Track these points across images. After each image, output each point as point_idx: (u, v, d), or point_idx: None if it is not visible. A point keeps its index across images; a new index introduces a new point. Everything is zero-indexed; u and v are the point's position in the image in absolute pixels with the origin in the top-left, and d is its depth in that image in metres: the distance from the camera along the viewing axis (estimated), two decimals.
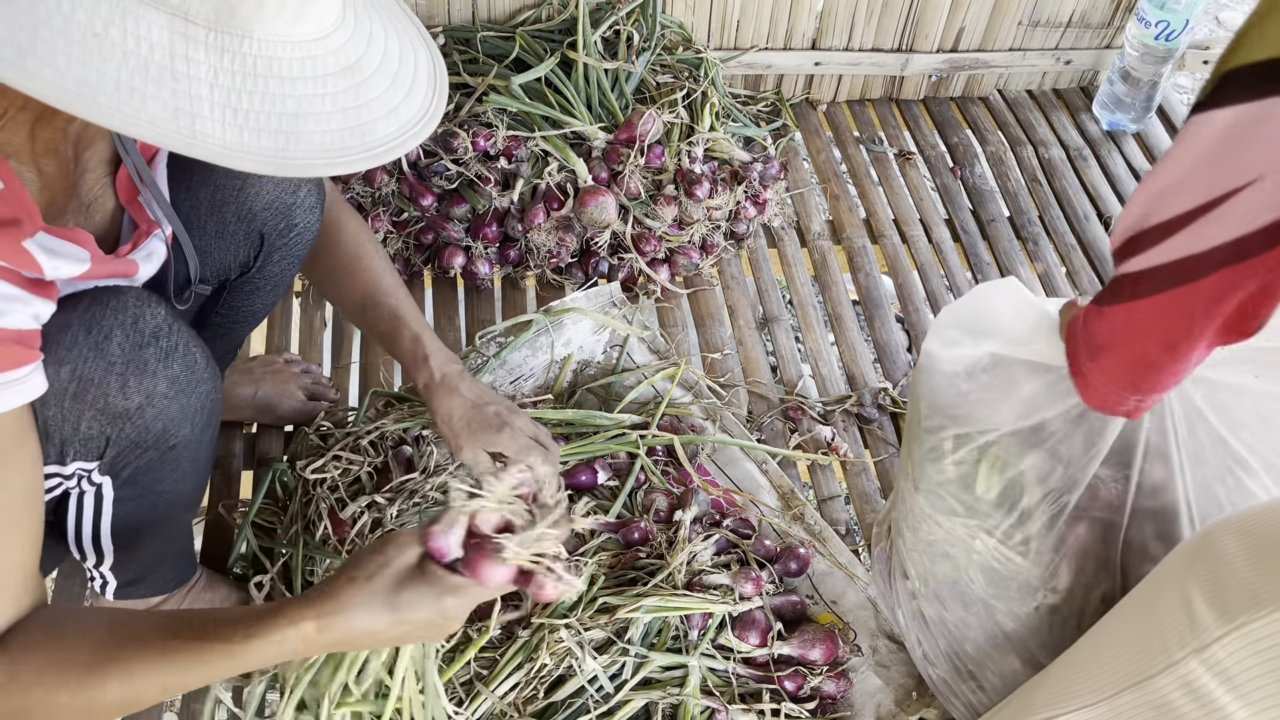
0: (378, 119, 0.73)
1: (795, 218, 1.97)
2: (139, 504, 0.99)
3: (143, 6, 0.64)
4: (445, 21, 1.91)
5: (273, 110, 0.68)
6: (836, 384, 1.70)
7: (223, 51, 0.66)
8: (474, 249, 1.70)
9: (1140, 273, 0.75)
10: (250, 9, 0.66)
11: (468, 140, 1.67)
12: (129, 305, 0.88)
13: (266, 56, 0.68)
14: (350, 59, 0.72)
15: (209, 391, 0.96)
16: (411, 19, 0.85)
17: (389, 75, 0.75)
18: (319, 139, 0.70)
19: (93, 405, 0.87)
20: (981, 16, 2.11)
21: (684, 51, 1.97)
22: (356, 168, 0.72)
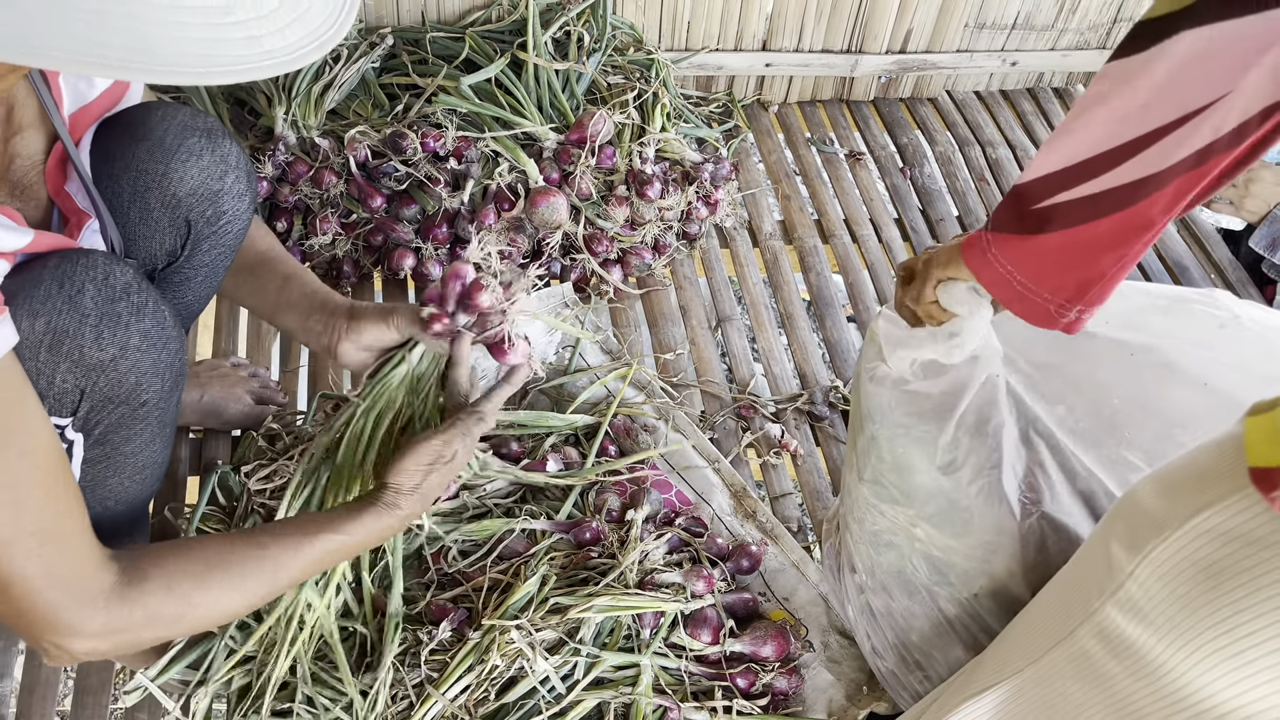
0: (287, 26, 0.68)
1: (747, 218, 1.98)
2: (106, 465, 1.00)
3: None
4: (395, 22, 1.90)
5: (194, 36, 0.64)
6: (788, 382, 1.72)
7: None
8: (424, 250, 1.69)
9: (1090, 197, 0.80)
10: None
11: (417, 141, 1.66)
12: (99, 263, 0.89)
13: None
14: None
15: (177, 350, 0.97)
16: None
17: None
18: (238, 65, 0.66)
19: (68, 357, 0.88)
20: (929, 18, 2.14)
21: (635, 53, 1.97)
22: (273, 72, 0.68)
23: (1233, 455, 0.63)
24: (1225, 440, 0.65)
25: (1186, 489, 0.66)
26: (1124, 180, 0.78)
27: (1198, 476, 0.66)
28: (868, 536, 1.09)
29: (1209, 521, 0.63)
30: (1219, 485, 0.63)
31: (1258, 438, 0.62)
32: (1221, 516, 0.63)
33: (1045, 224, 0.83)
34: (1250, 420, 0.63)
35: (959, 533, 0.97)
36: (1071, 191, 0.81)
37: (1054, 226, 0.83)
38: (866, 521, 1.08)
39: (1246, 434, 0.63)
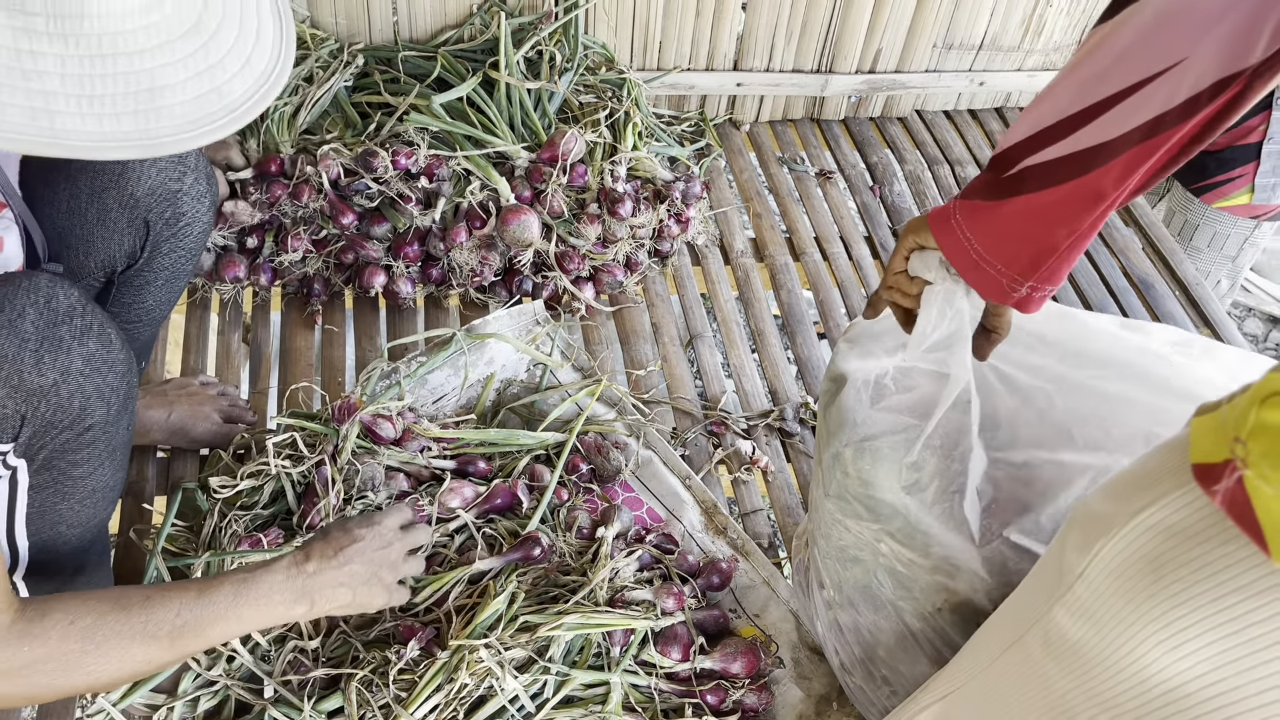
0: (233, 77, 0.73)
1: (719, 236, 2.00)
2: (54, 491, 0.99)
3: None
4: (367, 41, 1.90)
5: (127, 90, 0.67)
6: (759, 399, 1.72)
7: (65, 37, 0.66)
8: (395, 268, 1.69)
9: (1049, 163, 0.81)
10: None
11: (388, 159, 1.66)
12: (41, 285, 0.88)
13: (110, 33, 0.67)
14: (191, 18, 0.72)
15: (124, 373, 0.96)
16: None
17: (234, 24, 0.74)
18: (180, 111, 0.70)
19: (6, 382, 0.87)
20: (897, 39, 2.16)
21: (607, 72, 1.99)
22: (223, 133, 0.72)
23: (1179, 454, 0.64)
24: (1172, 442, 0.67)
25: (1134, 489, 0.67)
26: (1081, 146, 0.79)
27: (1145, 475, 0.67)
28: (834, 551, 1.09)
29: (1153, 517, 0.64)
30: (1164, 483, 0.64)
31: (1201, 435, 0.63)
32: (1165, 512, 0.64)
33: (1008, 191, 0.84)
34: (1195, 420, 0.65)
35: (921, 551, 0.98)
36: (1036, 156, 0.82)
37: (1014, 193, 0.84)
38: (833, 536, 1.08)
39: (1191, 433, 0.64)
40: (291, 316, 1.69)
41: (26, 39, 0.64)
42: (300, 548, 1.05)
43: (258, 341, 1.66)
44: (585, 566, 1.31)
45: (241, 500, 1.33)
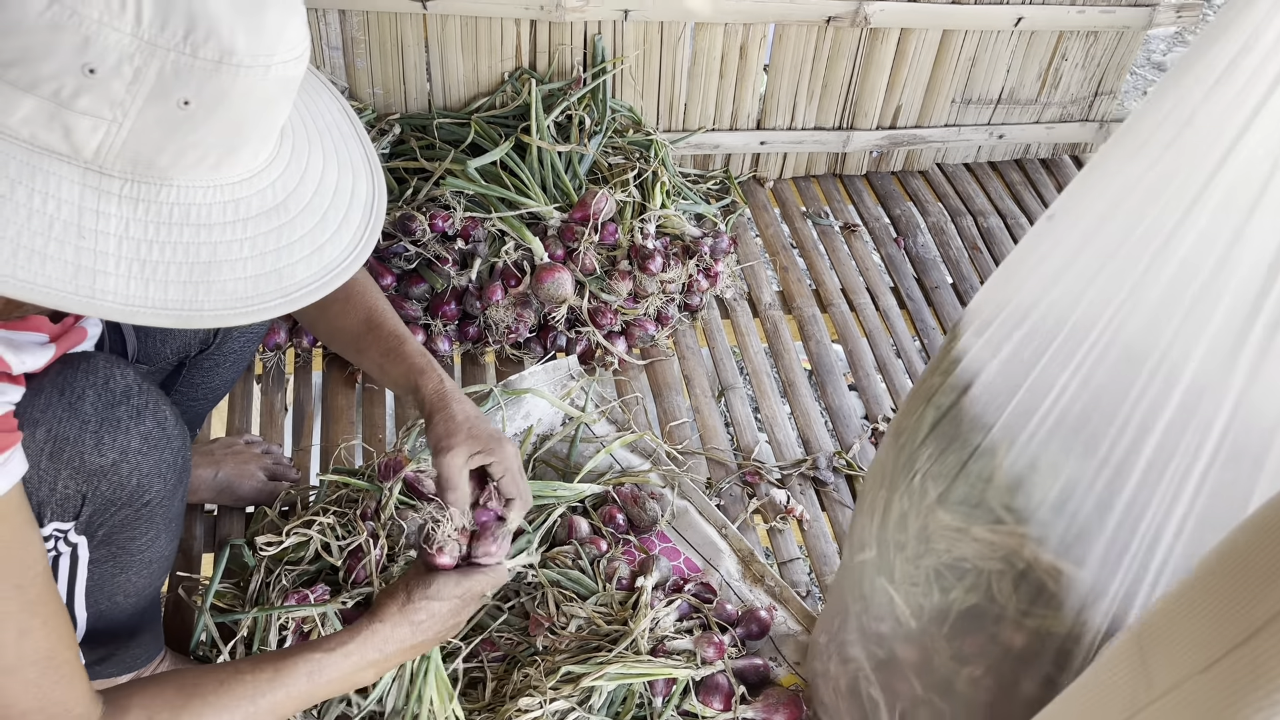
0: (299, 261, 0.72)
1: (747, 289, 2.03)
2: (113, 564, 1.00)
3: (55, 162, 0.63)
4: (403, 110, 1.97)
5: (184, 260, 0.66)
6: (792, 449, 1.74)
7: (137, 202, 0.65)
8: (433, 327, 1.74)
9: None
10: (169, 159, 0.65)
11: (426, 223, 1.71)
12: (99, 367, 0.91)
13: (185, 204, 0.67)
14: (278, 198, 0.72)
15: (180, 448, 0.99)
16: (359, 138, 0.86)
17: (318, 212, 0.75)
18: (232, 288, 0.68)
19: (69, 464, 0.89)
20: (916, 95, 2.22)
21: (634, 134, 2.04)
22: (269, 315, 0.70)
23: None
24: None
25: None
26: None
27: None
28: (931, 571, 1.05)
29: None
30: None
31: None
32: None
33: None
34: None
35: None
36: None
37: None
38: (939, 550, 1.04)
39: None
40: (333, 376, 1.73)
41: (95, 198, 0.63)
42: (375, 613, 1.04)
43: (300, 400, 1.70)
44: (626, 616, 1.32)
45: (287, 556, 1.36)
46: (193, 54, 0.64)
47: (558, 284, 1.72)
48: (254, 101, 0.68)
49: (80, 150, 0.64)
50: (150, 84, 0.63)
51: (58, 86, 0.62)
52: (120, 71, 0.62)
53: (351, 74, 1.91)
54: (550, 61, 1.97)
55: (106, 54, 0.62)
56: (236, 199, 0.70)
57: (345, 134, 0.86)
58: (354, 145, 0.86)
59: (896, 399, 1.87)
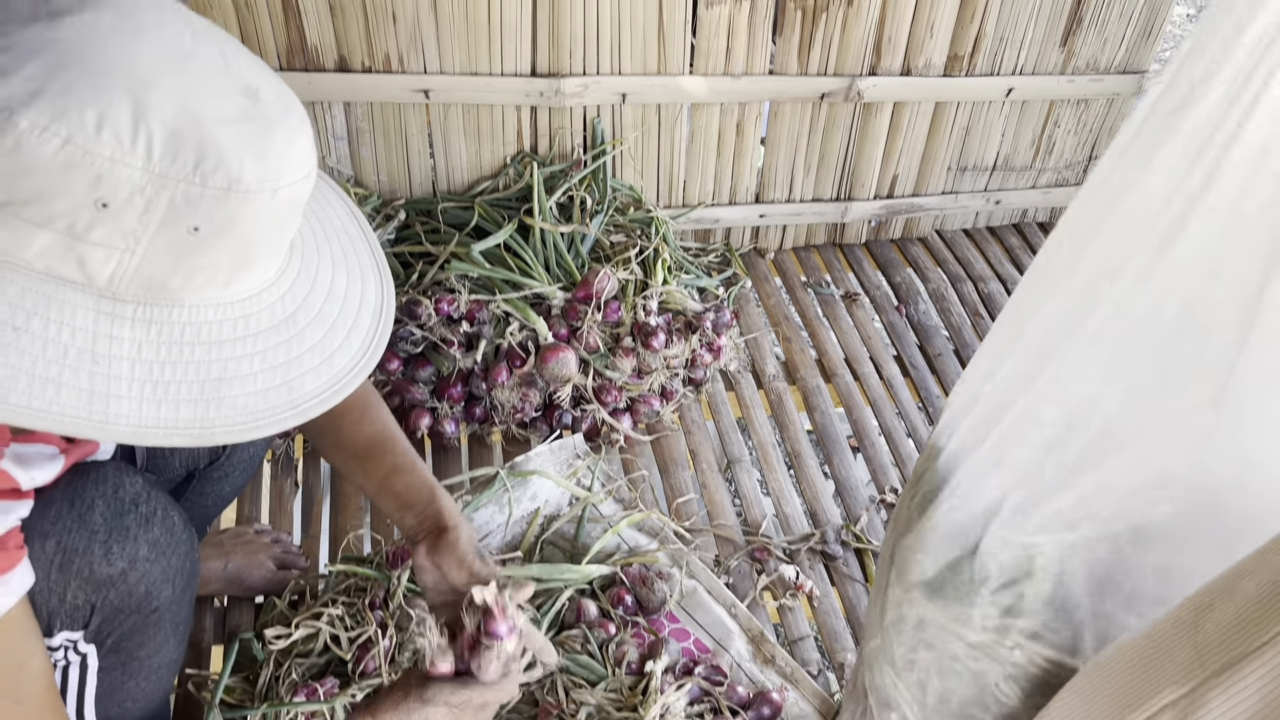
0: (308, 372, 0.73)
1: (750, 361, 2.05)
2: (122, 671, 1.00)
3: (70, 291, 0.64)
4: (408, 195, 2.01)
5: (195, 379, 0.67)
6: (800, 522, 1.74)
7: (149, 324, 0.66)
8: (440, 409, 1.75)
9: None
10: (181, 281, 0.66)
11: (431, 307, 1.74)
12: (109, 475, 0.91)
13: (196, 323, 0.68)
14: (288, 310, 0.73)
15: (187, 553, 0.99)
16: (367, 240, 0.87)
17: (327, 321, 0.76)
18: (242, 403, 0.69)
19: (78, 574, 0.89)
20: (912, 165, 2.25)
21: (635, 211, 2.08)
22: (279, 428, 0.71)
23: None
24: None
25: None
26: None
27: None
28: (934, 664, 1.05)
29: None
30: None
31: None
32: None
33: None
34: None
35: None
36: None
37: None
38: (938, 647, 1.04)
39: None
40: None
41: (108, 323, 0.65)
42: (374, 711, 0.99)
43: (309, 487, 1.71)
44: (636, 702, 1.31)
45: (296, 649, 1.36)
46: (202, 183, 0.65)
47: (562, 363, 1.74)
48: (262, 223, 0.70)
49: (94, 279, 0.66)
50: (161, 213, 0.65)
51: (72, 221, 0.64)
52: (132, 203, 0.64)
53: (357, 162, 1.95)
54: (551, 144, 2.01)
55: (119, 188, 0.64)
56: (247, 314, 0.71)
57: (353, 237, 0.87)
58: (362, 248, 0.87)
59: (904, 468, 1.87)
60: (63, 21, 0.63)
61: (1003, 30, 2.05)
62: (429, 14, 1.76)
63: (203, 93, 0.66)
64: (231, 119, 0.67)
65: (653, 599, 1.49)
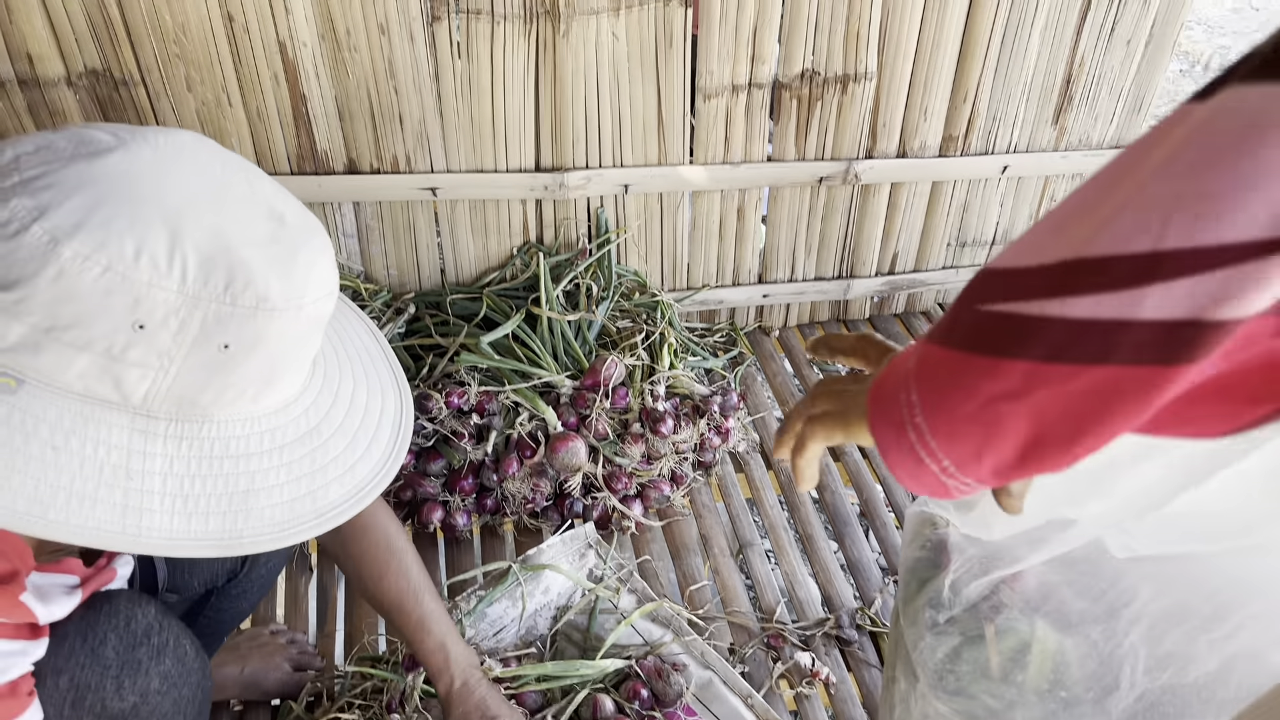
0: (331, 482, 0.76)
1: (759, 441, 2.06)
2: None
3: (106, 410, 0.67)
4: (417, 288, 2.05)
5: (224, 491, 0.70)
6: (814, 606, 1.74)
7: (180, 440, 0.69)
8: (451, 502, 1.77)
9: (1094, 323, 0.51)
10: (211, 397, 0.70)
11: (441, 400, 1.76)
12: (121, 608, 0.92)
13: (225, 437, 0.71)
14: (312, 423, 0.77)
15: (199, 681, 0.99)
16: (387, 359, 0.91)
17: (349, 433, 0.79)
18: (269, 513, 0.72)
19: (90, 710, 0.90)
20: (912, 242, 2.29)
21: (640, 296, 2.11)
22: (305, 537, 0.74)
23: None
24: None
25: None
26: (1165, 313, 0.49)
27: None
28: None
29: None
30: None
31: None
32: None
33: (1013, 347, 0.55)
34: None
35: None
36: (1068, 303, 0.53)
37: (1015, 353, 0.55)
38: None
39: None
40: None
41: (142, 440, 0.67)
42: None
43: (324, 585, 1.72)
44: None
45: None
46: (233, 303, 0.69)
47: (572, 453, 1.75)
48: (288, 339, 0.73)
49: (130, 397, 0.69)
50: (194, 333, 0.69)
51: (110, 343, 0.67)
52: (167, 324, 0.68)
53: (367, 259, 1.99)
54: (556, 234, 2.05)
55: (155, 310, 0.67)
56: (273, 428, 0.74)
57: (374, 355, 0.91)
58: (382, 365, 0.91)
59: None
60: (103, 159, 0.68)
61: (995, 110, 2.10)
62: (435, 116, 1.82)
63: (233, 219, 0.70)
64: (259, 242, 0.71)
65: (669, 692, 1.48)
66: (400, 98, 1.79)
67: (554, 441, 1.77)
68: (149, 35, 1.62)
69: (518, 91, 1.83)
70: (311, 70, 1.72)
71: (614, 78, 1.87)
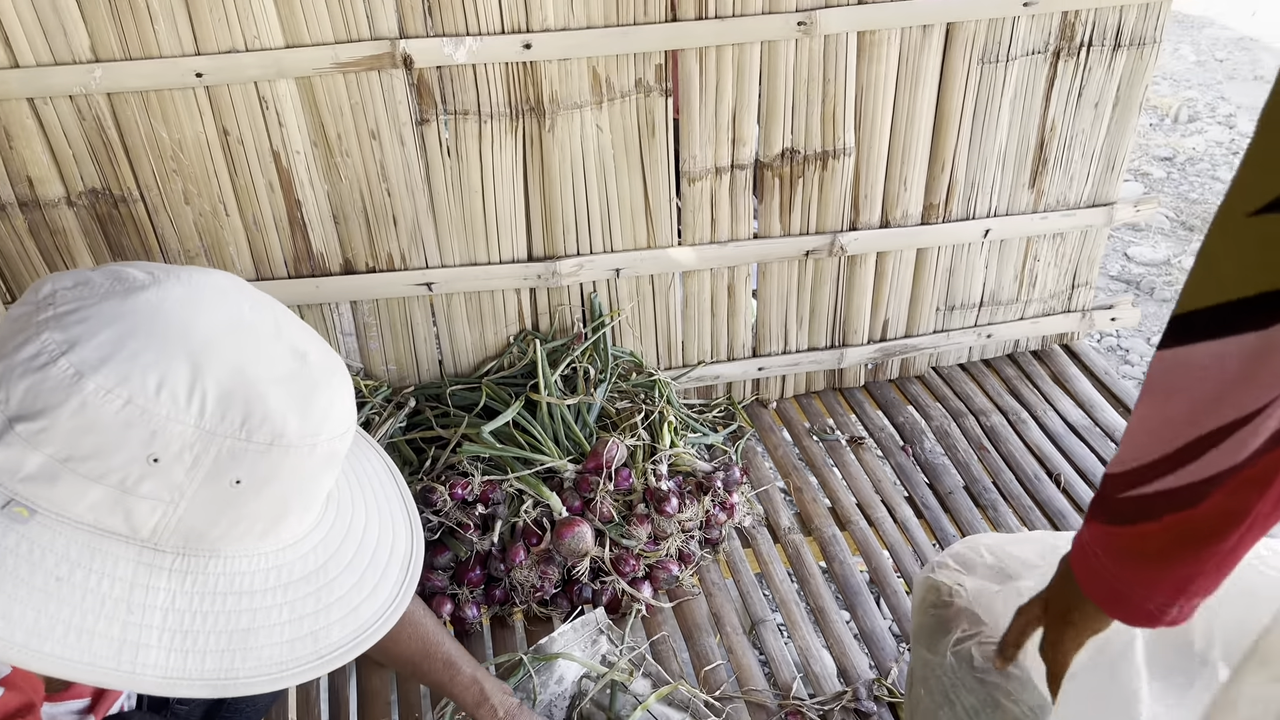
0: (335, 622, 0.74)
1: (764, 515, 2.06)
2: None
3: (113, 542, 0.66)
4: (416, 381, 2.07)
5: (224, 629, 0.68)
6: (830, 680, 1.72)
7: (185, 574, 0.68)
8: (460, 595, 1.76)
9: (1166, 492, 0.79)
10: (220, 532, 0.69)
11: (445, 492, 1.77)
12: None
13: (230, 573, 0.70)
14: (320, 560, 0.76)
15: None
16: (401, 494, 0.90)
17: (357, 571, 0.78)
18: (268, 653, 0.70)
19: None
20: (901, 308, 2.32)
21: (638, 376, 2.14)
22: (301, 680, 0.72)
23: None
24: None
25: None
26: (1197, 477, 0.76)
27: None
28: None
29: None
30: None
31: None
32: None
33: (1136, 517, 0.82)
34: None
35: None
36: (1149, 486, 0.80)
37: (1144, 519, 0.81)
38: None
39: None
40: (365, 656, 1.73)
41: (146, 573, 0.66)
42: None
43: (335, 685, 1.70)
44: None
45: None
46: (248, 439, 0.69)
47: (578, 538, 1.76)
48: (301, 476, 0.73)
49: (138, 530, 0.68)
50: (207, 468, 0.68)
51: (124, 475, 0.67)
52: (181, 458, 0.67)
53: (365, 355, 2.02)
54: (551, 321, 2.09)
55: (170, 444, 0.67)
56: (279, 564, 0.73)
57: (388, 492, 0.90)
58: (395, 501, 0.90)
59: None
60: (135, 296, 0.69)
61: (973, 178, 2.16)
62: (427, 214, 1.86)
63: (255, 356, 0.71)
64: (280, 379, 0.71)
65: None
66: (393, 198, 1.83)
67: (559, 527, 1.77)
68: (146, 153, 1.67)
69: (507, 186, 1.88)
70: (305, 176, 1.77)
71: (600, 167, 1.92)
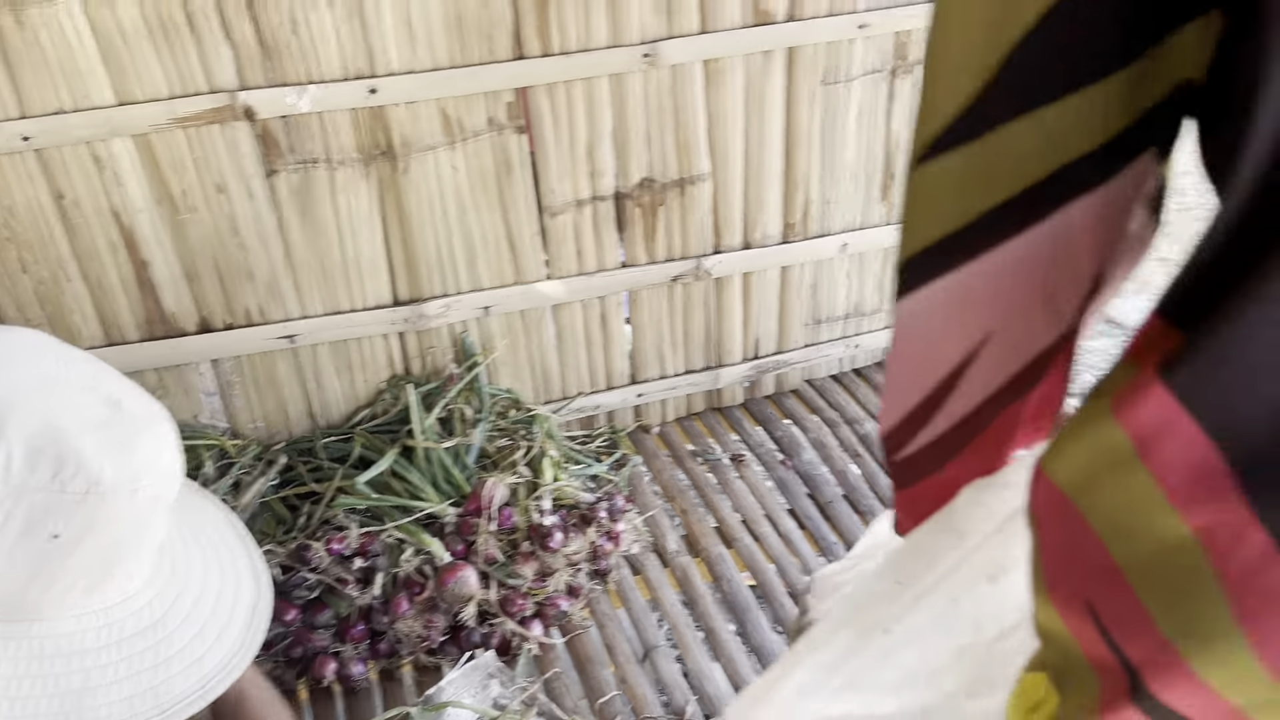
0: (176, 675, 0.73)
1: (652, 540, 2.07)
2: None
3: None
4: (287, 436, 2.02)
5: (54, 691, 0.66)
6: (724, 699, 1.73)
7: (7, 640, 0.66)
8: (344, 652, 1.71)
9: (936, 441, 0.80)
10: (39, 591, 0.67)
11: (322, 548, 1.73)
12: None
13: (56, 635, 0.67)
14: (155, 615, 0.74)
15: None
16: (245, 545, 0.88)
17: (197, 623, 0.77)
18: (105, 712, 0.68)
19: None
20: (771, 326, 2.38)
21: (516, 413, 2.13)
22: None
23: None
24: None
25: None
26: (954, 420, 0.78)
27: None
28: None
29: None
30: None
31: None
32: None
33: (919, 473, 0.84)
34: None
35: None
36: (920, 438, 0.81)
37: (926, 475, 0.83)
38: None
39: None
40: None
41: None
42: None
43: None
44: None
45: None
46: (61, 489, 0.67)
47: (461, 582, 1.73)
48: (123, 524, 0.71)
49: None
50: (19, 525, 0.66)
51: None
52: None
53: (231, 413, 1.96)
54: (424, 364, 2.06)
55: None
56: (110, 622, 0.71)
57: (230, 544, 0.88)
58: (239, 554, 0.88)
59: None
60: None
61: (826, 195, 2.23)
62: (284, 266, 1.83)
63: (64, 408, 0.69)
64: (93, 428, 0.69)
65: None
66: (247, 251, 1.79)
67: (442, 573, 1.74)
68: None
69: (365, 231, 1.86)
70: (150, 235, 1.72)
71: (460, 207, 1.91)
